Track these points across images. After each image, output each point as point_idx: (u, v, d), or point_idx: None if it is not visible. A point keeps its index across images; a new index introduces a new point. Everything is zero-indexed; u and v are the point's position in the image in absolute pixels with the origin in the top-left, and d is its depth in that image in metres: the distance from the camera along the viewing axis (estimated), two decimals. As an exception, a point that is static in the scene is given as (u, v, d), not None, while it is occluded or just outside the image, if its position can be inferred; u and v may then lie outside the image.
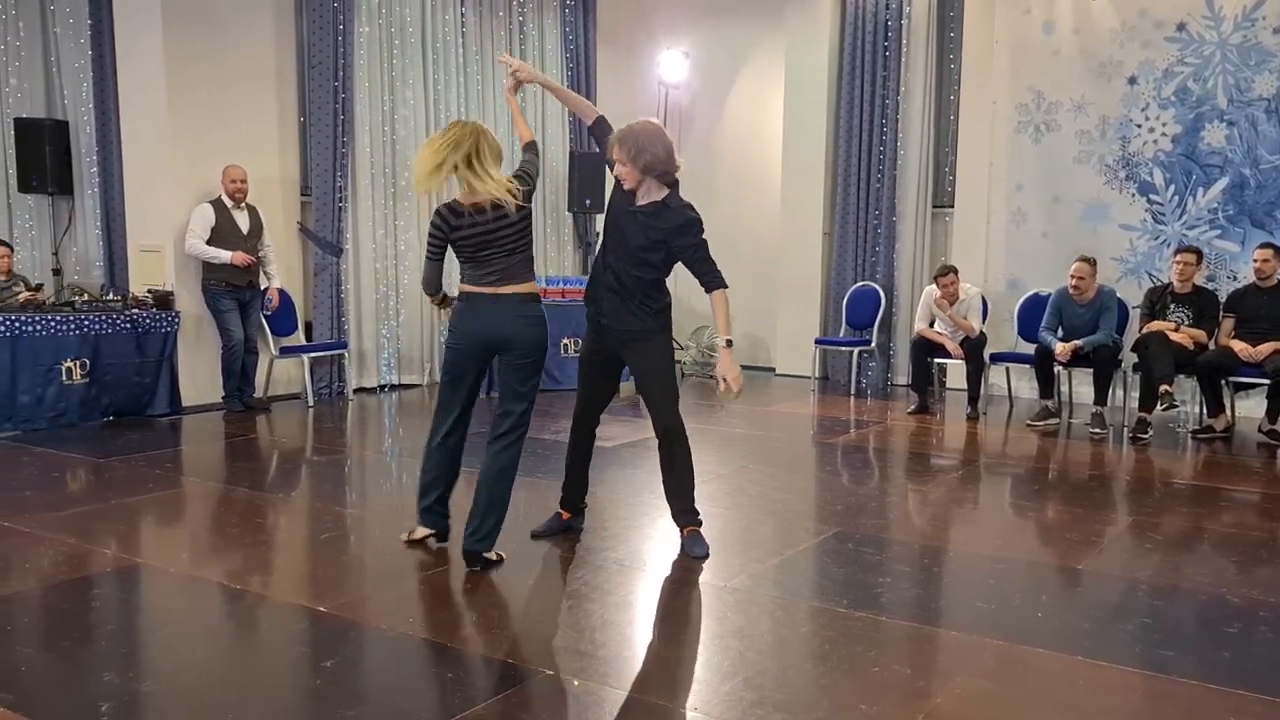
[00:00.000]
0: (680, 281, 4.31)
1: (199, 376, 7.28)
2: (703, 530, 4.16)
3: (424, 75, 8.48)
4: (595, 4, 9.92)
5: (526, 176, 3.95)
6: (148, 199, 7.25)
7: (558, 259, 9.85)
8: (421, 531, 4.16)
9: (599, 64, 9.99)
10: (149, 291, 7.09)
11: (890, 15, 8.83)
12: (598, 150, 4.04)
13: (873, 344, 8.87)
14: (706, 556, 4.02)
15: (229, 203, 7.14)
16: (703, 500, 4.69)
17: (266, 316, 7.46)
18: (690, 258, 3.96)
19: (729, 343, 3.95)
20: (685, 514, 4.13)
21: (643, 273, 3.98)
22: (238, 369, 7.23)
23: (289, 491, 5.32)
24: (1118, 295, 7.22)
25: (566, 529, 4.37)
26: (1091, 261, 7.08)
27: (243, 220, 7.20)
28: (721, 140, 10.16)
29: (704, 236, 3.96)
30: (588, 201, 9.45)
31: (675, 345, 4.30)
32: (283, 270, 7.64)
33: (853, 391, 8.68)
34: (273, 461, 6.12)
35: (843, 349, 9.00)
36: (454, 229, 3.88)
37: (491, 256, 3.89)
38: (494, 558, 3.90)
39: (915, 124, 8.85)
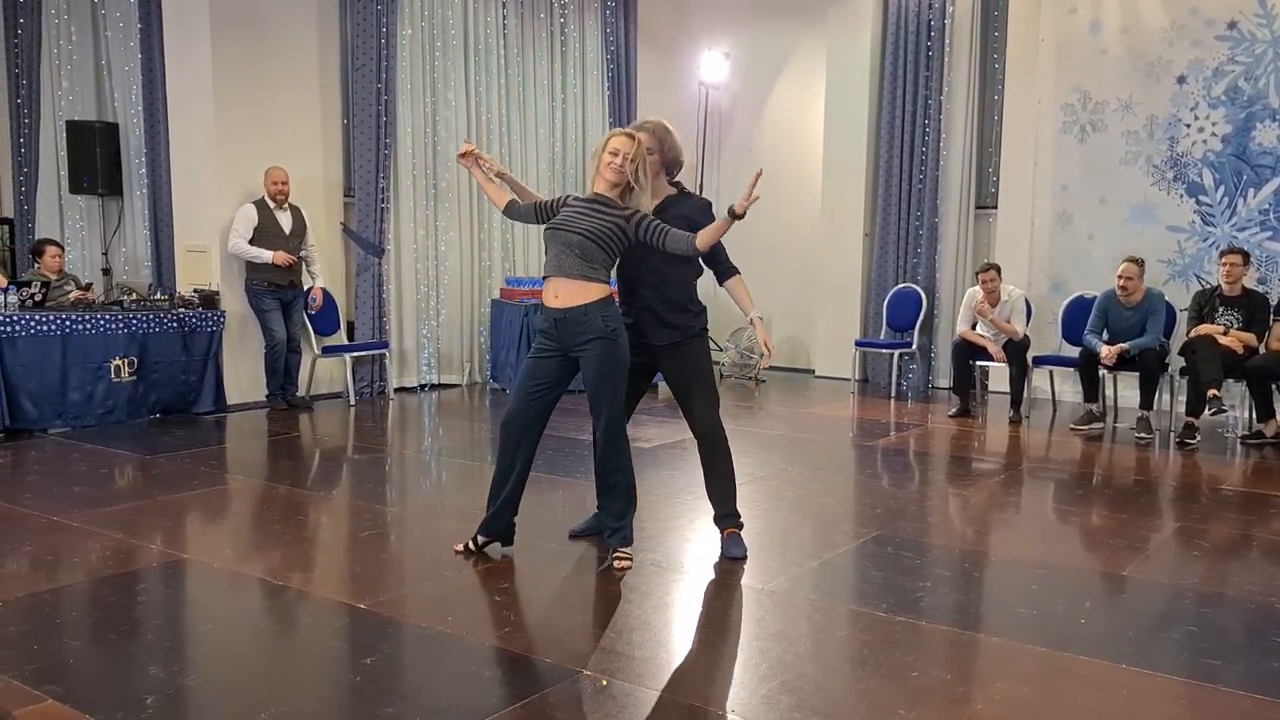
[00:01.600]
0: (717, 286, 4.32)
1: (243, 375, 7.39)
2: (742, 533, 4.14)
3: (465, 77, 8.54)
4: (636, 5, 9.93)
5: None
6: (194, 200, 7.37)
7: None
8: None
9: (639, 65, 10.00)
10: (195, 291, 7.20)
11: (933, 15, 8.75)
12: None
13: (913, 346, 8.79)
14: (744, 558, 4.02)
15: (271, 203, 7.23)
16: (742, 502, 4.67)
17: (309, 316, 7.55)
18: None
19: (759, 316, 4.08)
20: (726, 517, 4.13)
21: (675, 272, 3.99)
22: (280, 368, 7.33)
23: (330, 489, 5.38)
24: (1165, 298, 7.10)
25: (602, 529, 4.35)
26: (1140, 262, 6.96)
27: (285, 220, 7.29)
28: (762, 141, 10.12)
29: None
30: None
31: (714, 347, 4.31)
32: (326, 270, 7.73)
33: (893, 394, 8.61)
34: (314, 459, 6.19)
35: (883, 351, 8.93)
36: None
37: None
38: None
39: (958, 124, 8.76)
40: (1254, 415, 6.71)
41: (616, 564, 3.91)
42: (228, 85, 7.21)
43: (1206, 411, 6.42)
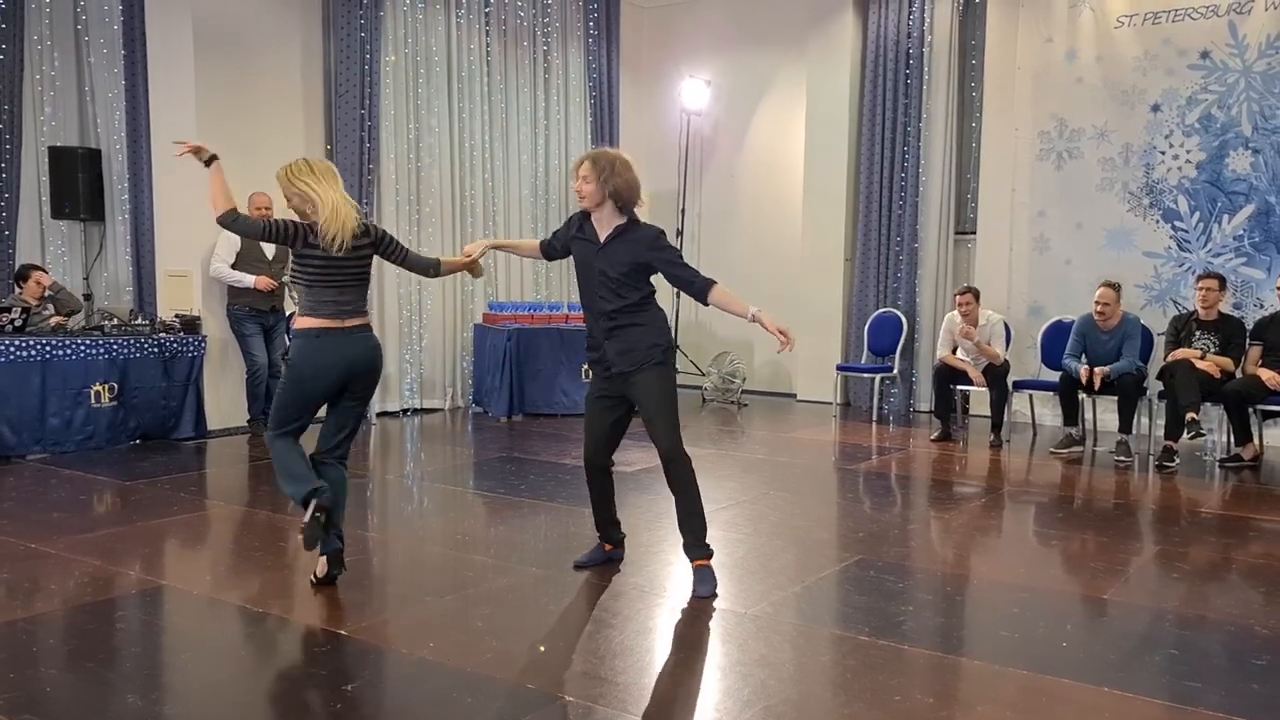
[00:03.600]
0: (701, 309, 4.33)
1: (224, 400, 7.35)
2: (725, 556, 4.14)
3: (449, 103, 8.58)
4: (618, 33, 10.02)
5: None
6: (176, 225, 7.36)
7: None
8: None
9: (622, 92, 10.08)
10: (176, 316, 7.18)
11: (912, 43, 8.86)
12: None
13: (894, 370, 8.84)
14: (713, 596, 3.88)
15: (255, 229, 7.22)
16: (724, 526, 4.68)
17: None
18: (671, 268, 3.95)
19: (704, 288, 3.96)
20: (694, 547, 3.98)
21: (630, 297, 3.94)
22: (262, 393, 7.30)
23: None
24: (1142, 323, 7.18)
25: (608, 560, 4.31)
26: (1116, 287, 7.04)
27: (268, 245, 7.28)
28: (743, 167, 10.20)
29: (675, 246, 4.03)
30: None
31: (696, 371, 4.34)
32: (308, 295, 7.70)
33: (874, 418, 8.64)
34: (296, 485, 6.15)
35: (864, 375, 8.98)
36: None
37: None
38: None
39: (937, 150, 8.86)
40: (1232, 439, 6.78)
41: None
42: (211, 111, 7.23)
43: (1185, 435, 6.47)
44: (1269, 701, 3.01)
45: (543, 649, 3.37)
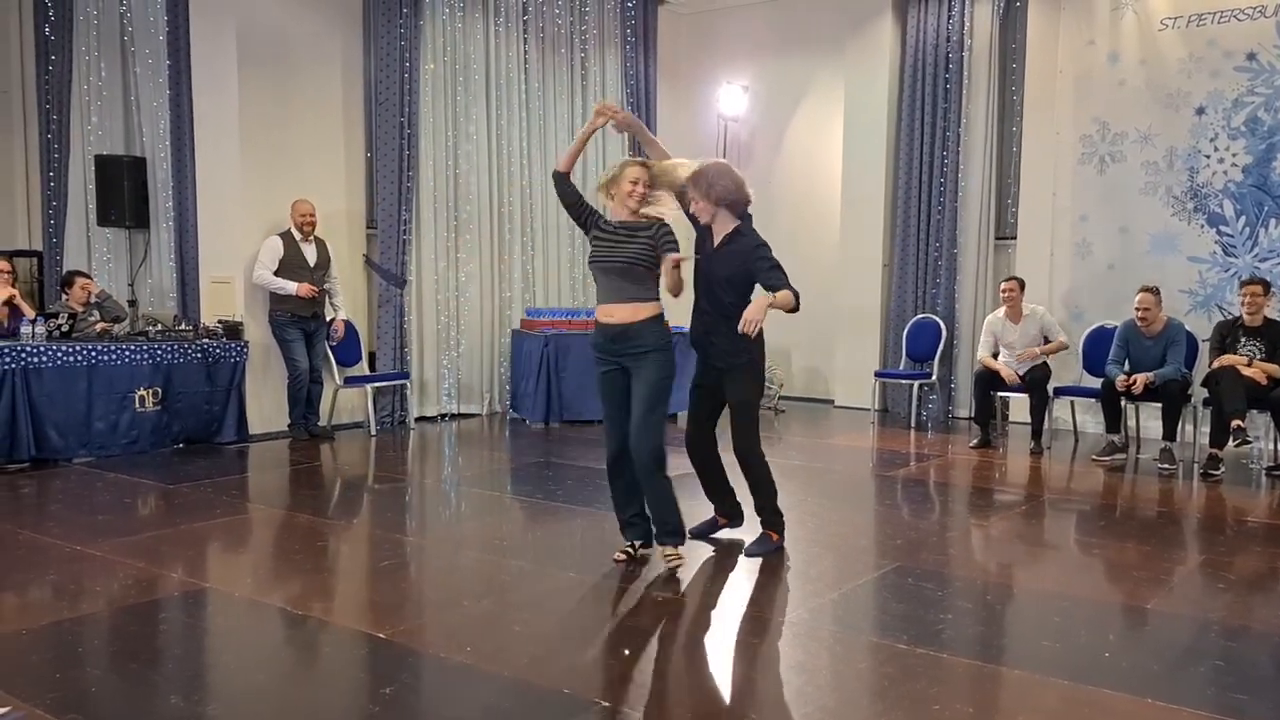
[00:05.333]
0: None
1: (266, 405, 7.44)
2: (762, 562, 4.16)
3: (486, 111, 8.64)
4: (655, 39, 10.03)
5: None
6: (219, 232, 7.47)
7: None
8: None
9: (659, 98, 10.09)
10: (219, 322, 7.28)
11: (951, 46, 8.79)
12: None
13: (933, 377, 8.76)
14: (755, 554, 4.45)
15: (297, 235, 7.33)
16: (755, 531, 4.67)
17: (332, 347, 7.61)
18: (764, 274, 4.26)
19: (773, 290, 4.14)
20: (761, 510, 4.58)
21: (734, 300, 4.32)
22: (303, 398, 7.39)
23: (351, 518, 5.41)
24: (1186, 328, 7.06)
25: (717, 528, 4.80)
26: (1155, 291, 6.93)
27: (310, 253, 7.38)
28: (781, 173, 10.17)
29: (775, 259, 4.29)
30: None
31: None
32: (348, 302, 7.80)
33: (913, 425, 8.57)
34: (335, 489, 6.23)
35: (903, 382, 8.91)
36: None
37: None
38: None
39: (977, 155, 8.78)
40: (1278, 447, 6.64)
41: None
42: (253, 120, 7.33)
43: (1230, 443, 6.35)
44: (1319, 715, 2.95)
45: (627, 652, 3.38)
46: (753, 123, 10.33)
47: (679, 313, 4.54)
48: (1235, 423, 6.28)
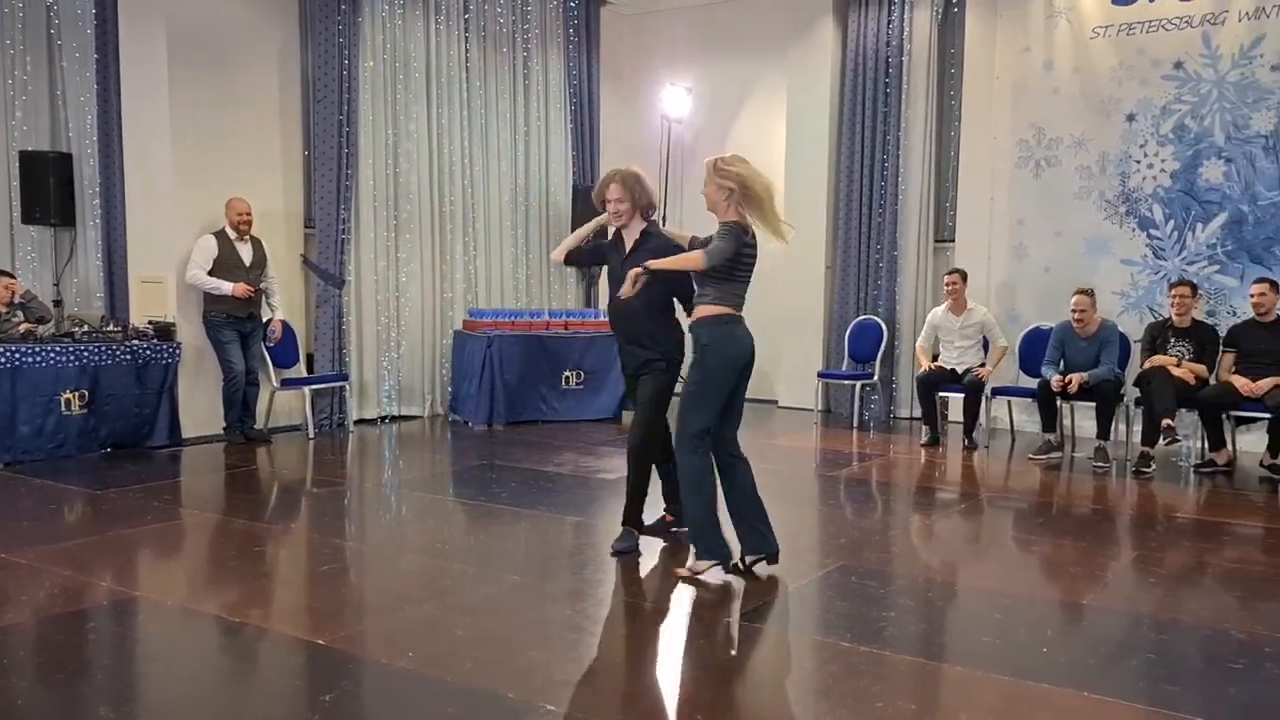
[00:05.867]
0: (684, 316, 4.43)
1: (199, 408, 7.27)
2: (705, 562, 4.15)
3: (427, 110, 8.54)
4: (598, 40, 10.01)
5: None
6: (150, 230, 7.28)
7: (561, 292, 9.88)
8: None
9: (602, 99, 10.08)
10: (150, 323, 7.09)
11: (891, 51, 8.90)
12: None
13: (875, 377, 8.86)
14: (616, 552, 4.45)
15: (233, 234, 7.17)
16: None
17: (268, 348, 7.46)
18: (678, 278, 4.36)
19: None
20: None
21: (654, 299, 4.38)
22: (239, 400, 7.23)
23: (288, 523, 5.30)
24: (1119, 329, 7.23)
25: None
26: (1090, 293, 7.09)
27: (246, 252, 7.23)
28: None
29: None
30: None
31: (680, 378, 4.48)
32: (285, 302, 7.66)
33: (855, 425, 8.66)
34: (272, 493, 6.10)
35: (845, 382, 8.99)
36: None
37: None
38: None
39: (916, 159, 8.90)
40: (1206, 445, 6.83)
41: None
42: (185, 115, 7.16)
43: (1161, 441, 6.52)
44: (1246, 705, 3.03)
45: (571, 655, 3.35)
46: (696, 124, 10.36)
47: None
48: (1166, 422, 6.45)
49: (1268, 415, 6.46)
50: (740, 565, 4.22)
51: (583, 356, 8.57)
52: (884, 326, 8.90)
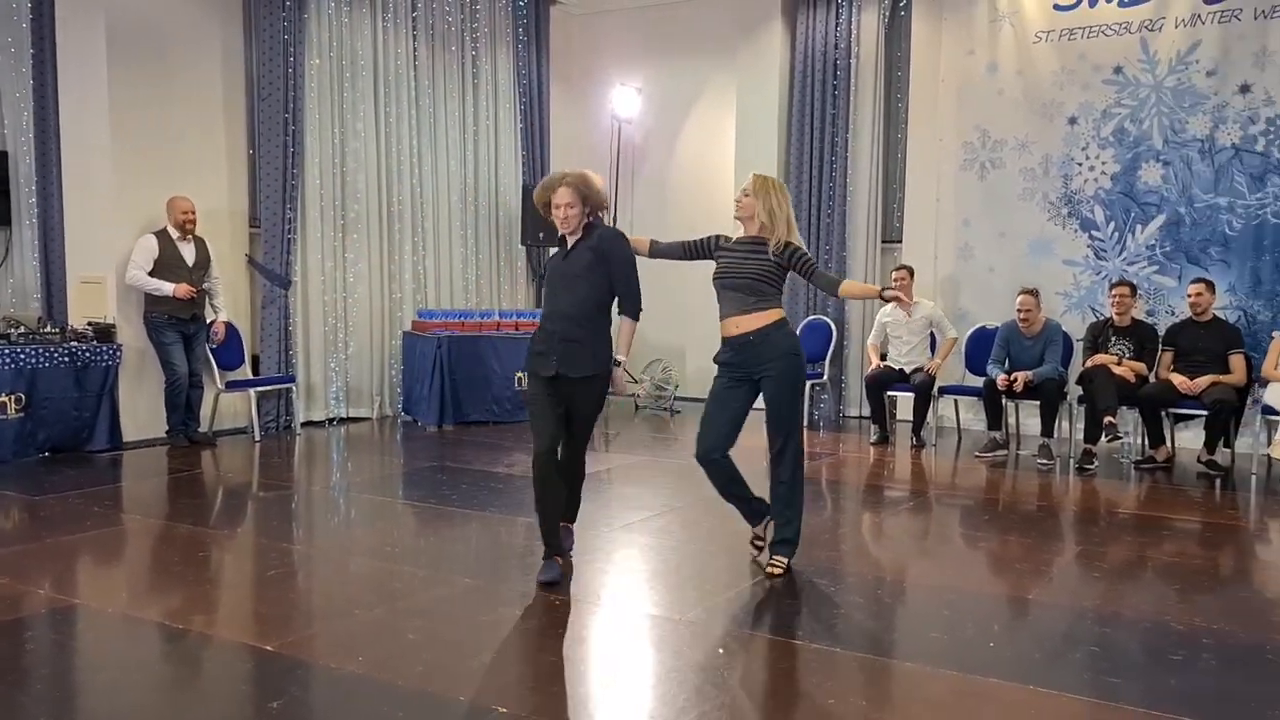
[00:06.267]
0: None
1: (141, 411, 7.12)
2: (659, 563, 4.14)
3: (375, 108, 8.46)
4: (548, 39, 9.98)
5: None
6: (89, 230, 7.12)
7: (511, 292, 9.83)
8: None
9: (552, 98, 10.05)
10: (89, 324, 6.93)
11: (839, 54, 8.99)
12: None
13: (824, 377, 8.94)
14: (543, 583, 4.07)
15: (175, 234, 7.03)
16: (657, 533, 4.68)
17: (212, 350, 7.33)
18: (622, 274, 4.19)
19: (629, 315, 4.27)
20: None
21: (592, 294, 4.17)
22: (182, 403, 7.08)
23: (234, 527, 5.21)
24: (1063, 329, 7.37)
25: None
26: (1035, 293, 7.23)
27: (188, 252, 7.09)
28: (674, 175, 10.23)
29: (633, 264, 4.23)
30: (540, 234, 9.45)
31: (629, 379, 4.42)
32: (230, 303, 7.53)
33: (805, 424, 8.69)
34: (217, 497, 5.99)
35: (794, 382, 9.04)
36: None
37: None
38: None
39: (864, 160, 9.00)
40: (1146, 441, 6.99)
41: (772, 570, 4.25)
42: (126, 113, 7.01)
43: (1103, 438, 6.66)
44: (1185, 695, 3.10)
45: (524, 657, 3.32)
46: (646, 124, 10.37)
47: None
48: (1107, 419, 6.59)
49: (1205, 412, 6.63)
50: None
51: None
52: (833, 327, 8.98)
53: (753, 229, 4.34)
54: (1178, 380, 6.72)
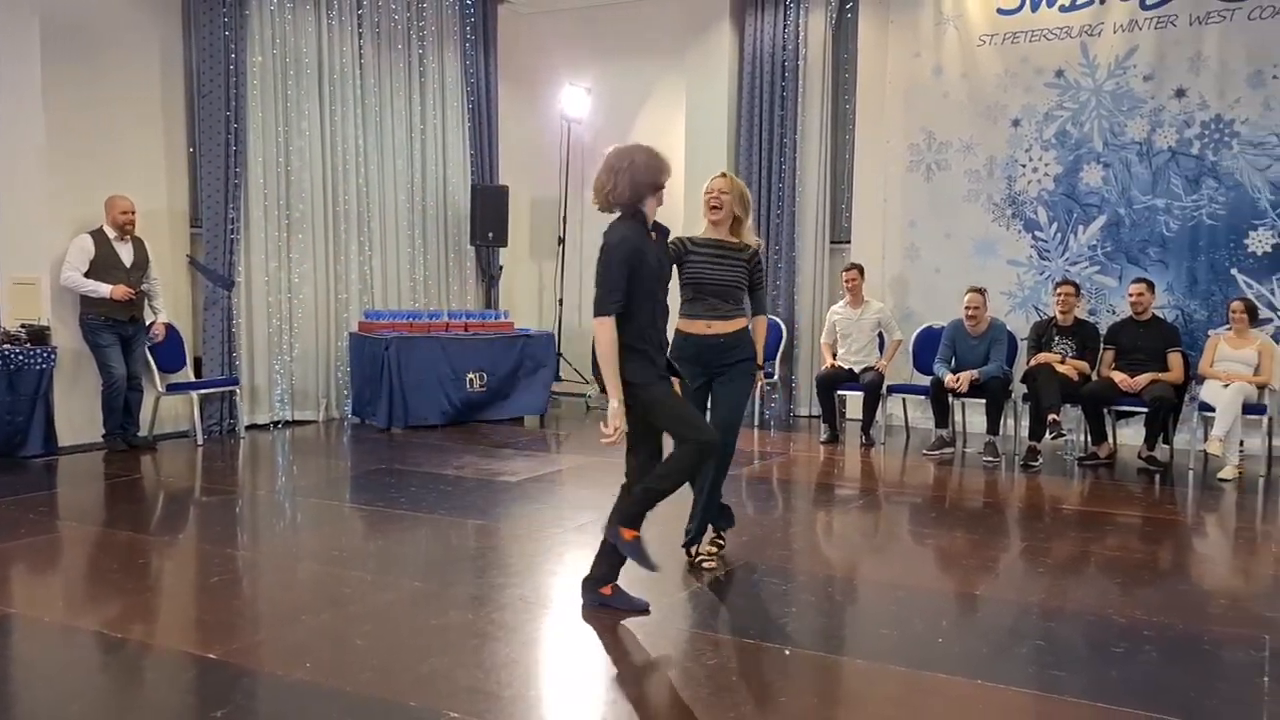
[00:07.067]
0: (585, 319, 4.36)
1: (77, 415, 6.93)
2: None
3: (320, 106, 8.33)
4: (496, 39, 9.92)
5: None
6: (23, 231, 6.92)
7: (460, 293, 9.75)
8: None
9: (500, 98, 9.98)
10: (23, 326, 6.73)
11: (787, 56, 9.04)
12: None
13: (775, 377, 8.98)
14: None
15: (113, 234, 6.86)
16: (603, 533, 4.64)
17: (151, 349, 7.17)
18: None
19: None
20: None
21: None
22: (119, 406, 6.90)
23: (176, 534, 5.09)
24: (1007, 328, 7.49)
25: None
26: (982, 291, 7.34)
27: (126, 253, 6.92)
28: (623, 175, 10.21)
29: (602, 259, 3.81)
30: (490, 234, 9.39)
31: (582, 379, 4.40)
32: (171, 304, 7.37)
33: (756, 423, 8.76)
34: (158, 502, 5.85)
35: (744, 382, 9.08)
36: None
37: None
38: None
39: (813, 161, 9.06)
40: (1089, 438, 7.13)
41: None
42: (61, 113, 6.82)
43: (1047, 436, 6.78)
44: (1127, 687, 3.16)
45: (475, 660, 3.28)
46: (596, 125, 10.35)
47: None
48: (1051, 417, 6.71)
49: (1145, 409, 6.78)
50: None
51: (485, 358, 8.46)
52: (783, 326, 9.03)
53: (723, 230, 4.36)
54: (1119, 378, 6.86)
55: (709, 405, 4.38)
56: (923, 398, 7.73)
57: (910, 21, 8.56)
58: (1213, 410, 6.63)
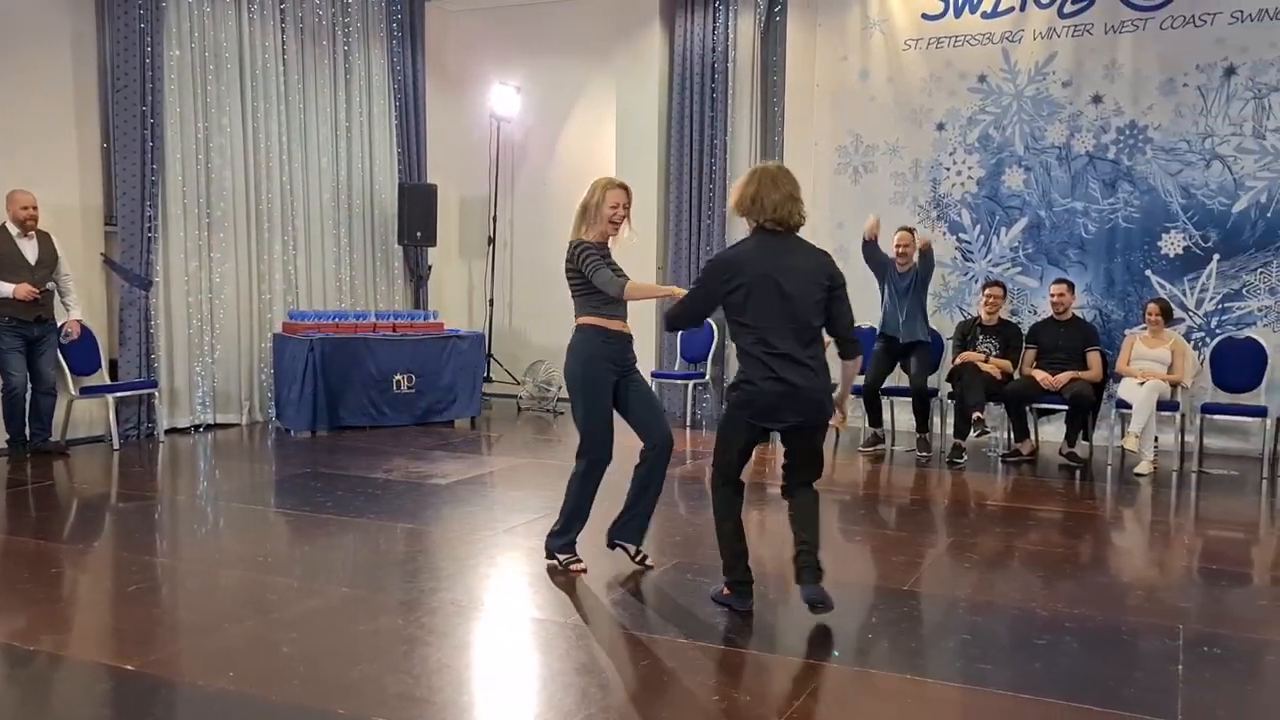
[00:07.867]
0: (515, 318, 4.36)
1: (-23, 421, 6.65)
2: (540, 566, 4.10)
3: (242, 102, 8.13)
4: (424, 36, 9.79)
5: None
6: (-75, 226, 6.64)
7: (388, 293, 9.60)
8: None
9: (428, 96, 9.86)
10: (-79, 328, 6.44)
11: (717, 58, 9.09)
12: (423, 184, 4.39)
13: (707, 377, 9.02)
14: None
15: (15, 231, 6.58)
16: (539, 536, 4.62)
17: (64, 351, 6.91)
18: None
19: None
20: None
21: None
22: (19, 412, 6.61)
23: (90, 541, 4.92)
24: (933, 328, 7.63)
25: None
26: (912, 230, 7.50)
27: (30, 250, 6.65)
28: (555, 175, 10.17)
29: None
30: (418, 234, 9.25)
31: (510, 380, 4.40)
32: (85, 305, 7.11)
33: (688, 424, 8.79)
34: (71, 509, 5.65)
35: (678, 382, 9.11)
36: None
37: None
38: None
39: (743, 163, 9.09)
40: (1012, 435, 7.29)
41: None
42: (-34, 101, 6.57)
43: (972, 433, 6.92)
44: (1050, 678, 3.23)
45: (403, 666, 3.21)
46: (526, 123, 10.28)
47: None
48: (975, 415, 6.84)
49: (1065, 407, 6.96)
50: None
51: (414, 360, 8.33)
52: (715, 327, 9.07)
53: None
54: (1040, 376, 7.04)
55: (624, 407, 4.58)
56: (855, 397, 7.80)
57: (838, 25, 8.67)
58: (1129, 407, 6.83)
